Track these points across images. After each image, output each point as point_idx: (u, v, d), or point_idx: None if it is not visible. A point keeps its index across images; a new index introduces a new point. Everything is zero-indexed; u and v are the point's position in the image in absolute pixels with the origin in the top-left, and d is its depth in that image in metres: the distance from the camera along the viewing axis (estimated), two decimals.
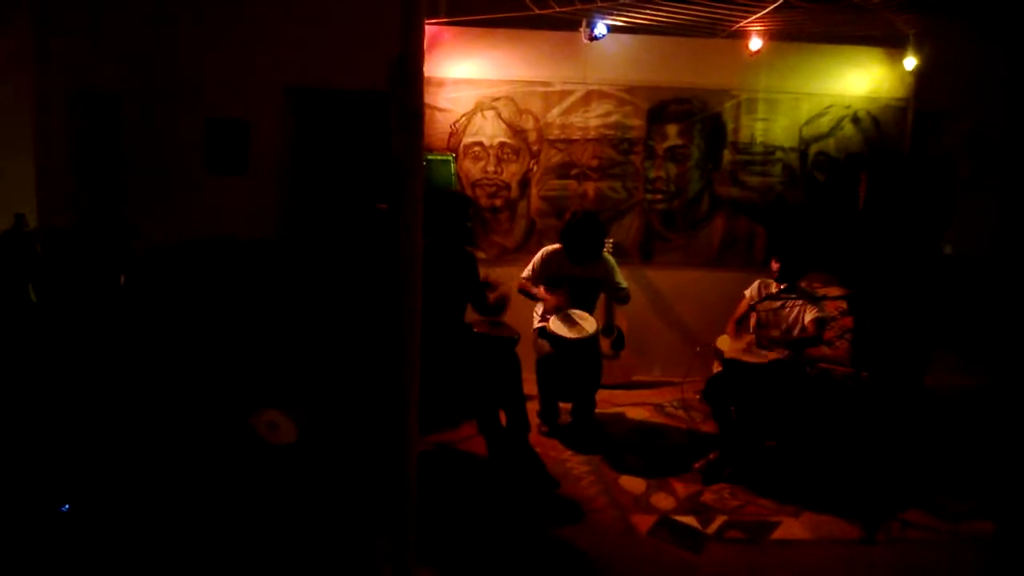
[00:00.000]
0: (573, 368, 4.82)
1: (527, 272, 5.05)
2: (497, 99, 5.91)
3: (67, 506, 3.10)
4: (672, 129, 6.06)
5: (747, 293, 4.82)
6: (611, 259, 5.13)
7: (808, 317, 4.55)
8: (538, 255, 5.07)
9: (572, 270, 4.97)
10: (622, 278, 5.11)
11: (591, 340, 4.79)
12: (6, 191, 4.50)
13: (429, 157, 5.64)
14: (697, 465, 4.43)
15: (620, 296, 5.14)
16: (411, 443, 2.58)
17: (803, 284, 4.74)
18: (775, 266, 4.69)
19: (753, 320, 4.73)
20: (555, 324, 4.78)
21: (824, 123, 6.14)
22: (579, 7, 5.01)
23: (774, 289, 4.66)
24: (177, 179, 5.88)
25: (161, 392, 3.89)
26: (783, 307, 4.64)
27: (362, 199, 5.68)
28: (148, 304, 4.37)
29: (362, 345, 5.06)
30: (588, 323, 4.81)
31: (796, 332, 4.59)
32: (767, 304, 4.66)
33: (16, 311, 3.68)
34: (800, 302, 4.62)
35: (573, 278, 4.97)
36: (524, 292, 5.02)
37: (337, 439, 4.47)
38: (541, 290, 4.95)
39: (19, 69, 4.63)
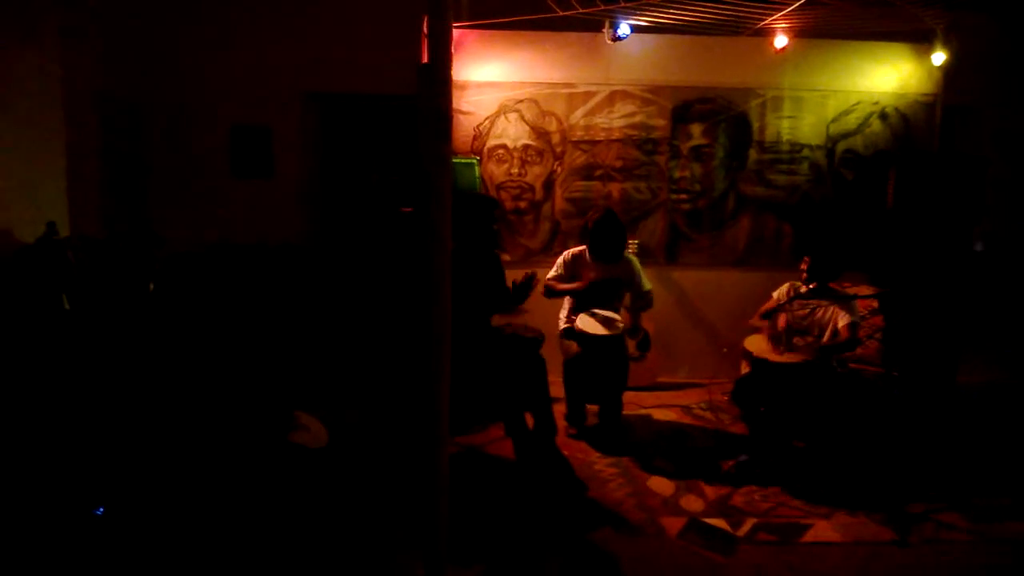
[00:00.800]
0: (600, 368, 4.81)
1: (553, 273, 5.05)
2: (520, 101, 5.91)
3: (101, 509, 3.15)
4: (697, 129, 6.03)
5: (775, 295, 4.78)
6: (635, 260, 5.12)
7: (842, 322, 4.47)
8: (562, 256, 5.08)
9: (596, 270, 4.96)
10: (647, 280, 5.09)
11: (618, 338, 4.78)
12: (37, 200, 4.57)
13: (454, 160, 5.66)
14: (727, 467, 4.40)
15: (643, 300, 5.11)
16: (442, 445, 2.59)
17: (833, 284, 4.69)
18: (805, 265, 4.64)
19: (782, 322, 4.69)
20: (583, 322, 4.78)
21: (851, 120, 6.08)
22: (602, 8, 5.01)
23: (803, 290, 4.61)
24: (203, 185, 5.95)
25: (192, 397, 3.93)
26: (814, 311, 4.57)
27: (388, 203, 5.71)
28: (177, 310, 4.42)
29: (391, 348, 5.08)
30: (616, 322, 4.80)
31: (828, 336, 4.53)
32: (798, 308, 4.61)
33: (50, 319, 3.73)
34: (831, 304, 4.55)
35: (599, 279, 4.95)
36: (551, 292, 5.01)
37: (368, 443, 4.49)
38: (571, 284, 4.94)
39: (47, 78, 4.70)
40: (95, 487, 3.22)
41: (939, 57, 5.83)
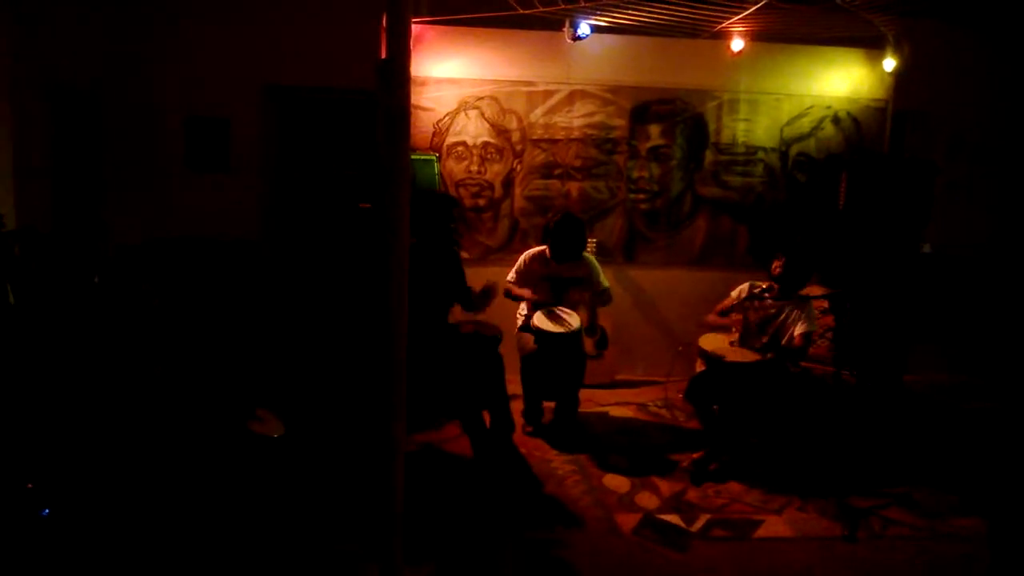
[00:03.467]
0: (557, 365, 4.83)
1: (511, 275, 5.07)
2: (480, 98, 5.90)
3: (47, 510, 3.07)
4: (655, 129, 6.08)
5: (735, 292, 4.83)
6: (594, 260, 5.17)
7: (798, 330, 4.52)
8: (521, 258, 5.10)
9: (556, 270, 4.99)
10: (604, 279, 5.14)
11: (575, 335, 4.81)
12: None
13: (412, 157, 5.62)
14: (684, 464, 4.44)
15: (601, 297, 5.16)
16: (398, 442, 2.58)
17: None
18: (776, 265, 4.64)
19: (737, 321, 4.75)
20: (539, 320, 4.80)
21: (805, 124, 6.18)
22: (562, 7, 5.01)
23: (760, 291, 4.66)
24: (157, 178, 5.82)
25: (140, 391, 3.86)
26: (775, 314, 4.63)
27: (346, 198, 5.65)
28: (123, 303, 4.32)
29: (347, 344, 5.04)
30: (572, 319, 4.83)
31: (784, 339, 4.59)
32: (756, 308, 4.67)
33: None
34: (791, 307, 4.61)
35: (557, 278, 4.99)
36: (509, 295, 5.04)
37: (322, 438, 4.45)
38: (527, 291, 4.97)
39: None
40: (41, 487, 3.14)
41: (890, 63, 5.97)
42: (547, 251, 5.04)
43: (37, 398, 3.41)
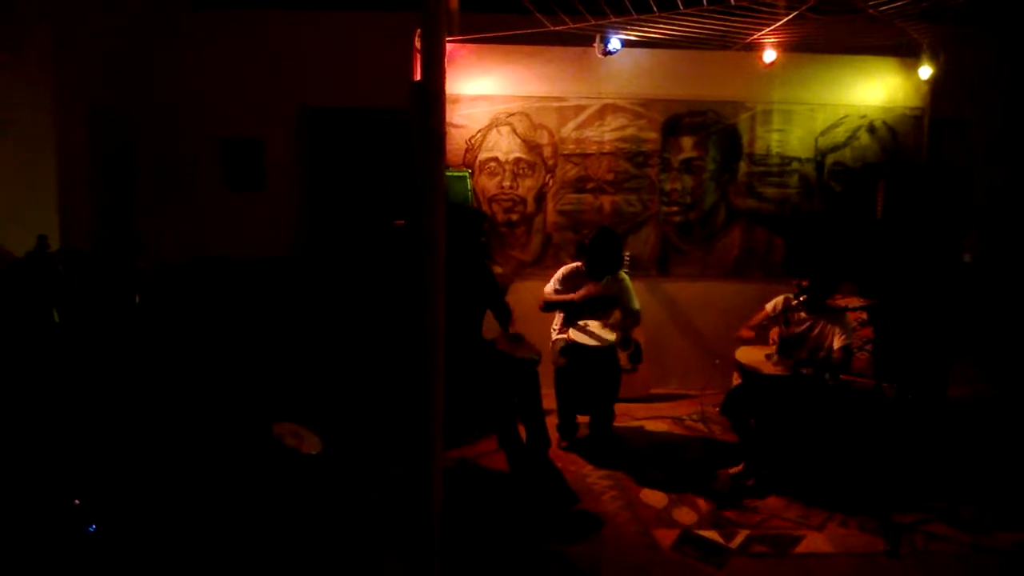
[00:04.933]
0: (591, 379, 4.83)
1: (551, 287, 5.08)
2: (512, 114, 5.94)
3: (94, 527, 3.13)
4: (687, 141, 6.07)
5: (768, 307, 4.80)
6: (627, 278, 5.16)
7: (837, 343, 4.48)
8: (559, 271, 5.12)
9: (593, 286, 4.99)
10: (636, 300, 5.12)
11: (610, 349, 4.81)
12: (28, 214, 4.56)
13: (446, 173, 5.66)
14: (722, 479, 4.39)
15: (632, 318, 5.12)
16: (435, 458, 2.60)
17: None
18: (797, 285, 4.63)
19: (775, 334, 4.71)
20: (574, 334, 4.81)
21: (840, 133, 6.12)
22: (592, 23, 5.03)
23: (796, 304, 4.62)
24: (194, 199, 5.95)
25: (181, 410, 3.93)
26: (810, 327, 4.58)
27: (380, 216, 5.71)
28: (165, 323, 4.41)
29: (383, 361, 5.08)
30: (606, 333, 4.83)
31: (823, 353, 4.54)
32: (795, 322, 4.62)
33: (41, 333, 3.71)
34: (826, 322, 4.56)
35: (594, 295, 4.98)
36: (549, 305, 5.03)
37: (360, 455, 4.49)
38: (572, 295, 4.96)
39: (38, 92, 4.69)
40: (88, 502, 3.20)
41: (926, 71, 5.89)
42: (582, 267, 5.05)
43: (82, 415, 3.49)
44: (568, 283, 5.05)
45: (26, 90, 4.61)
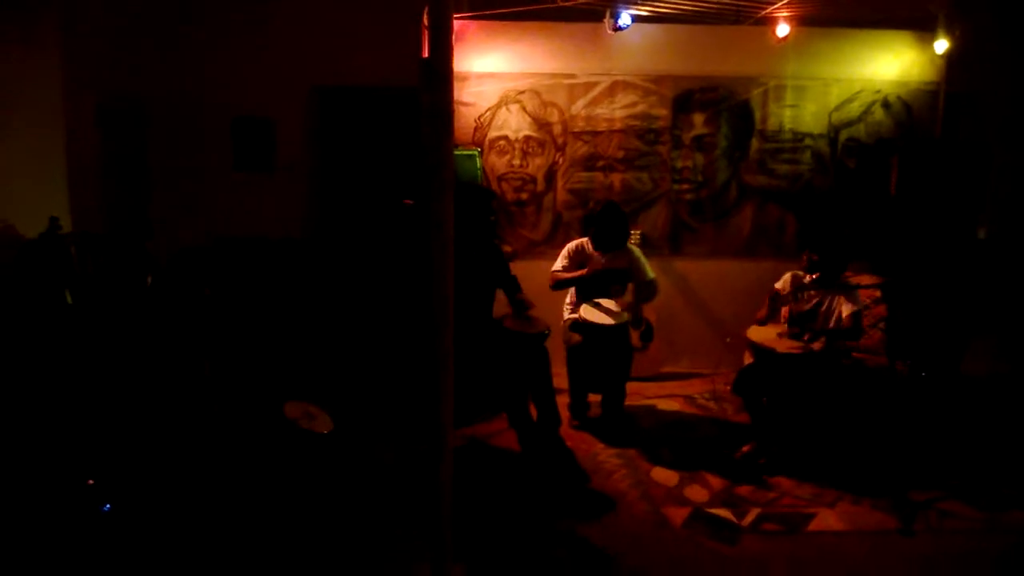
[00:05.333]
0: (603, 357, 4.81)
1: (559, 264, 5.05)
2: (522, 92, 5.89)
3: (108, 506, 3.16)
4: (699, 118, 6.01)
5: (778, 286, 4.76)
6: (637, 250, 5.12)
7: (846, 312, 4.43)
8: (566, 248, 5.08)
9: (599, 260, 4.96)
10: (649, 269, 5.07)
11: (622, 328, 4.79)
12: (40, 196, 4.57)
13: (455, 152, 5.64)
14: (735, 457, 4.38)
15: (648, 289, 5.07)
16: (447, 435, 2.60)
17: None
18: (807, 258, 4.59)
19: (785, 313, 4.68)
20: (586, 311, 4.79)
21: (854, 109, 6.05)
22: None
23: (807, 281, 4.59)
24: (205, 179, 5.93)
25: (192, 389, 3.94)
26: (821, 303, 4.54)
27: (390, 195, 5.70)
28: (177, 304, 4.42)
29: (394, 340, 5.09)
30: (618, 311, 4.81)
31: (832, 326, 4.50)
32: (802, 298, 4.58)
33: (54, 314, 3.73)
34: (835, 294, 4.52)
35: (604, 269, 4.95)
36: (559, 284, 5.01)
37: (372, 434, 4.50)
38: (579, 271, 4.94)
39: (47, 75, 4.69)
40: (102, 482, 3.23)
41: (941, 44, 5.79)
42: (588, 242, 5.02)
43: (96, 396, 3.51)
44: (575, 259, 5.02)
45: (36, 75, 4.61)
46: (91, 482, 3.19)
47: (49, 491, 3.10)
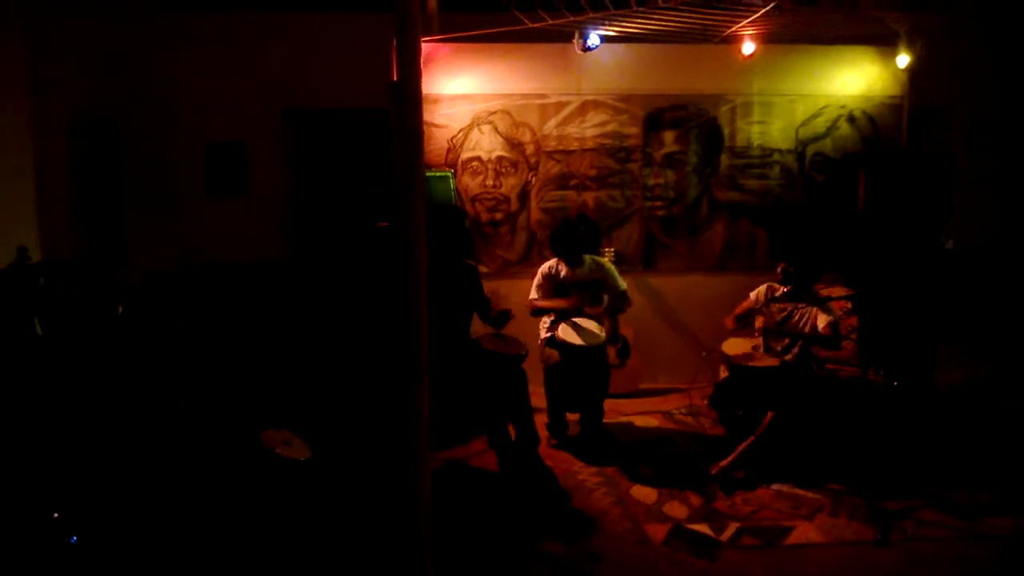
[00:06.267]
0: (581, 377, 4.82)
1: (533, 293, 5.08)
2: (493, 113, 5.93)
3: (75, 538, 3.10)
4: (669, 136, 6.07)
5: (752, 295, 4.81)
6: (607, 263, 5.19)
7: (822, 322, 4.48)
8: (539, 273, 5.12)
9: (572, 275, 5.00)
10: (621, 280, 5.13)
11: (599, 348, 4.81)
12: (7, 224, 4.51)
13: (428, 174, 5.64)
14: (712, 472, 4.39)
15: (620, 300, 5.12)
16: (422, 457, 2.58)
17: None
18: (781, 270, 4.65)
19: (759, 323, 4.72)
20: (564, 332, 4.79)
21: (820, 124, 6.15)
22: (571, 19, 5.02)
23: (779, 294, 4.64)
24: (178, 204, 5.90)
25: (165, 418, 3.89)
26: (792, 314, 4.59)
27: (364, 218, 5.69)
28: (149, 332, 4.37)
29: (369, 363, 5.06)
30: (596, 330, 4.82)
31: (808, 330, 4.54)
32: (777, 310, 4.63)
33: (23, 345, 3.68)
34: (808, 306, 4.57)
35: (576, 283, 4.99)
36: (537, 311, 5.04)
37: (348, 458, 4.46)
38: (558, 301, 4.97)
39: (15, 96, 4.63)
40: (68, 515, 3.17)
41: (904, 59, 5.92)
42: (558, 261, 5.06)
43: (64, 427, 3.45)
44: (548, 283, 5.06)
45: (1, 98, 4.55)
46: (56, 515, 3.13)
47: (14, 524, 3.04)
